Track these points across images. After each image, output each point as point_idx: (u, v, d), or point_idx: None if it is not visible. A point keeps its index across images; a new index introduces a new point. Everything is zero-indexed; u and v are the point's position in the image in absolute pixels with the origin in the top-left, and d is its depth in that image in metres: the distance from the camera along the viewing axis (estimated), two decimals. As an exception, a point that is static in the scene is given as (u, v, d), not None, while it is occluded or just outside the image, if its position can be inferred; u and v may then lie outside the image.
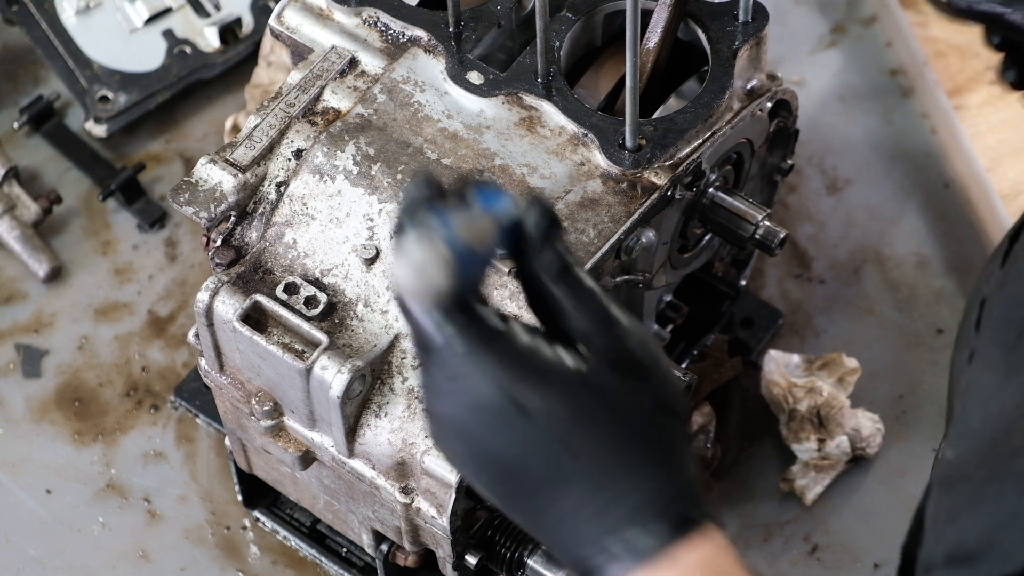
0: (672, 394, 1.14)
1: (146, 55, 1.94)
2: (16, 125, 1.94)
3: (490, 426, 1.10)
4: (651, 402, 1.12)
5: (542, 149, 1.45)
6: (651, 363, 1.13)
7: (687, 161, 1.45)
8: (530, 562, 1.49)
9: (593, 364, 1.11)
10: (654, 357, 1.14)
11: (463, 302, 1.10)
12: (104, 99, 1.92)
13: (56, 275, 1.86)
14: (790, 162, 1.65)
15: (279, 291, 1.41)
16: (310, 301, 1.41)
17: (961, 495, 1.21)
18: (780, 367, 1.73)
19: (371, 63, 1.50)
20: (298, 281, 1.41)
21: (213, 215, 1.43)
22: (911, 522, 1.28)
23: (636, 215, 1.42)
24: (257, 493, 1.70)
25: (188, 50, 1.95)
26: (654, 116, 1.48)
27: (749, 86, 1.52)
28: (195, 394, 1.76)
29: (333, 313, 1.41)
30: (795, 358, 1.74)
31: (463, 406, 1.11)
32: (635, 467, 1.11)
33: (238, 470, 1.65)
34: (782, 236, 1.53)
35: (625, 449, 1.11)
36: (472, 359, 1.09)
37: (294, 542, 1.70)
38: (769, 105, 1.55)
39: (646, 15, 1.47)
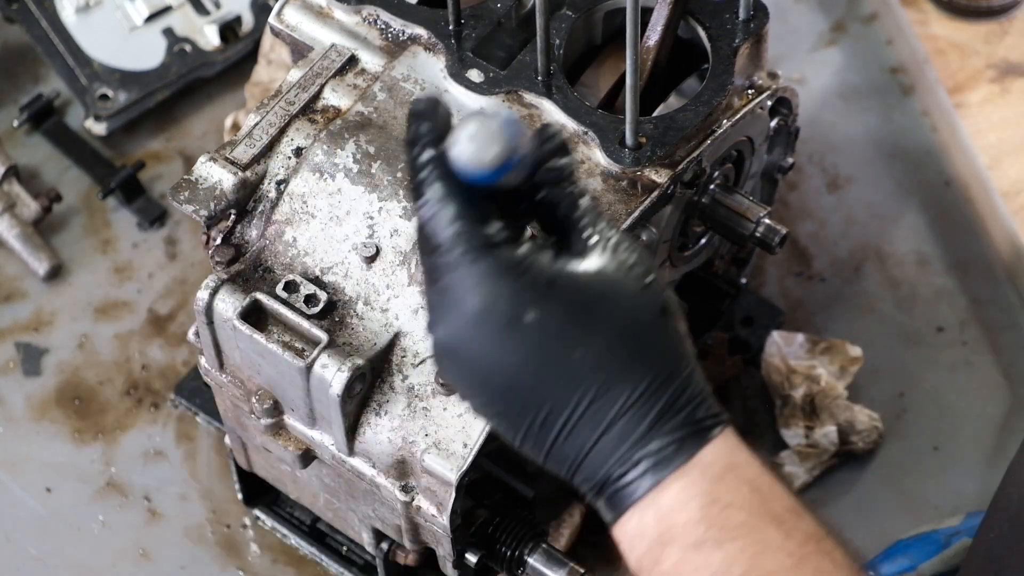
0: (668, 296, 1.12)
1: (146, 53, 1.94)
2: (16, 123, 1.94)
3: (487, 338, 1.08)
4: (648, 305, 1.11)
5: (542, 147, 1.45)
6: (645, 270, 1.13)
7: (687, 159, 1.45)
8: (530, 560, 1.49)
9: (589, 270, 1.10)
10: (647, 264, 1.13)
11: (481, 210, 1.10)
12: (104, 97, 1.92)
13: (56, 273, 1.86)
14: (790, 160, 1.65)
15: (279, 289, 1.41)
16: (310, 299, 1.41)
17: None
18: (781, 350, 1.73)
19: (371, 61, 1.50)
20: (298, 279, 1.41)
21: (213, 213, 1.43)
22: None
23: (636, 213, 1.42)
24: (257, 491, 1.70)
25: (188, 48, 1.94)
26: (654, 114, 1.48)
27: (749, 84, 1.52)
28: (195, 392, 1.75)
29: (333, 311, 1.41)
30: (799, 337, 1.73)
31: (461, 319, 1.09)
32: (644, 372, 1.09)
33: (238, 468, 1.65)
34: (782, 234, 1.53)
35: (632, 351, 1.09)
36: (469, 266, 1.08)
37: (294, 540, 1.70)
38: (769, 103, 1.55)
39: (646, 13, 1.46)
